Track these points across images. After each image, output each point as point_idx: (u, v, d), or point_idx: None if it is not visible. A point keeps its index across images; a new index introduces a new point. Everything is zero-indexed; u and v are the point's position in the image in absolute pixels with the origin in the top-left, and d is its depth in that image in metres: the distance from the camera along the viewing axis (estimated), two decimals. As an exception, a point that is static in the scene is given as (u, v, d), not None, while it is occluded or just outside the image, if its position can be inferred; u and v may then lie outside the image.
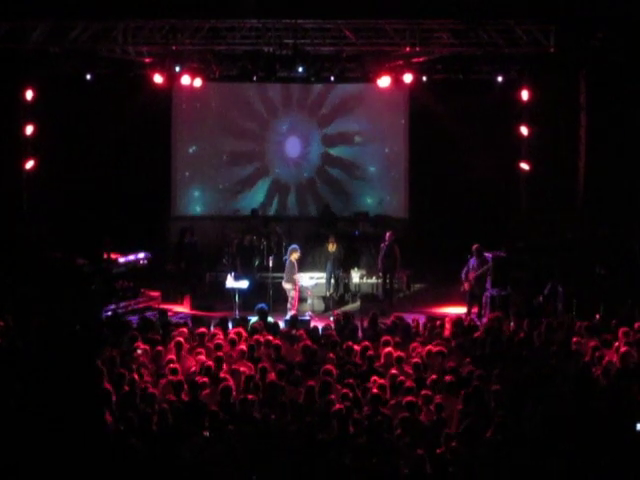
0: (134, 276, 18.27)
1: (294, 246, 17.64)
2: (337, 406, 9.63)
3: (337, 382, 10.84)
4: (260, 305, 15.06)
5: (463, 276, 17.15)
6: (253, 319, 14.53)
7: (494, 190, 20.46)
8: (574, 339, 12.52)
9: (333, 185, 22.71)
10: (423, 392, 10.24)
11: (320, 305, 18.45)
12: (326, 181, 22.72)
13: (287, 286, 17.29)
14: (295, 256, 17.29)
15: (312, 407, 9.98)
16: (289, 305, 17.15)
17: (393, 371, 11.11)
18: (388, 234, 18.70)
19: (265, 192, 22.70)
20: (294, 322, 14.48)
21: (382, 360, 11.75)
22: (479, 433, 9.10)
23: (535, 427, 9.38)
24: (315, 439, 8.97)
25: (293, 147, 22.73)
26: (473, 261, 17.04)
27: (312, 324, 15.17)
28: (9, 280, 16.27)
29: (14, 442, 8.87)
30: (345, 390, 10.27)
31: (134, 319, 15.11)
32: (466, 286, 17.13)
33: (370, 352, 11.85)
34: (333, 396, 10.12)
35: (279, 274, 17.78)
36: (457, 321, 14.00)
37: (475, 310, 17.00)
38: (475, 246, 17.09)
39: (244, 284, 17.10)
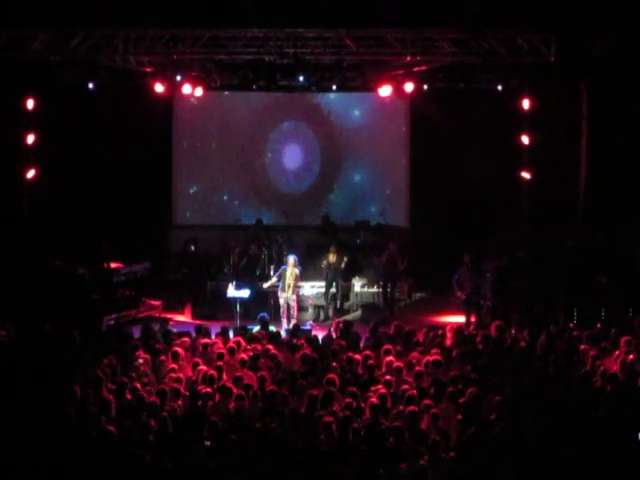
0: (135, 285, 18.26)
1: (289, 256, 17.64)
2: (328, 418, 9.59)
3: (338, 391, 10.82)
4: (261, 314, 15.08)
5: (455, 285, 17.09)
6: (255, 328, 14.53)
7: (495, 199, 20.42)
8: (576, 347, 12.52)
9: (334, 194, 22.70)
10: (423, 402, 10.22)
11: (317, 314, 18.44)
12: (327, 190, 22.70)
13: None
14: (289, 265, 17.28)
15: (312, 416, 9.95)
16: (281, 313, 17.16)
17: (393, 380, 11.11)
18: (390, 244, 18.70)
19: (265, 201, 22.70)
20: (295, 331, 14.49)
21: (383, 369, 11.74)
22: (479, 442, 9.07)
23: (536, 435, 9.36)
24: (316, 448, 8.95)
25: (293, 157, 22.73)
26: (464, 270, 16.99)
27: (313, 333, 15.16)
28: (10, 289, 16.26)
29: (12, 448, 8.88)
30: (347, 399, 10.25)
31: (136, 328, 15.10)
32: (459, 295, 17.09)
33: (371, 361, 11.84)
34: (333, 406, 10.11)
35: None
36: (458, 330, 13.98)
37: (473, 319, 16.95)
38: (466, 255, 17.07)
39: (245, 293, 17.09)
